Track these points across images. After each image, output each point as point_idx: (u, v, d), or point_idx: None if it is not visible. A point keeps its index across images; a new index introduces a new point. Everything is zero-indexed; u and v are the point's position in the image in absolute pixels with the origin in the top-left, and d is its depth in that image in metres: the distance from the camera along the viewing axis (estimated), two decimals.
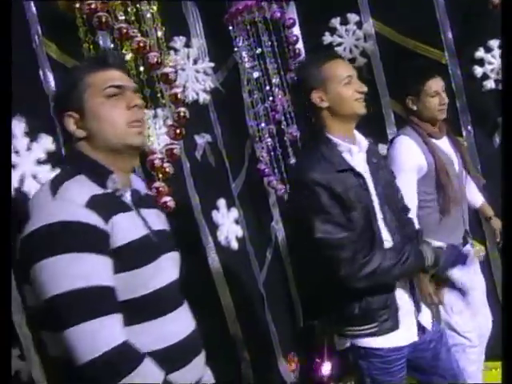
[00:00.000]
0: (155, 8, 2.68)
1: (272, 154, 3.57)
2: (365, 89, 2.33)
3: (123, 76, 1.76)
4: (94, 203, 1.58)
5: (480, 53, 3.57)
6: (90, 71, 1.72)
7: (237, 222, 3.58)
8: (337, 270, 2.19)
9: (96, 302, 1.52)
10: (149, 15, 2.67)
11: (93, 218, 1.56)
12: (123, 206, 1.69)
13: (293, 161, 3.51)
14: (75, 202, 1.57)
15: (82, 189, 1.61)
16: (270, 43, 3.46)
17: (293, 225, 2.40)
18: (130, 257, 1.62)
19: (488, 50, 3.55)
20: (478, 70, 3.57)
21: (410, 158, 2.98)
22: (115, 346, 1.50)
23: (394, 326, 2.33)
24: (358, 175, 2.30)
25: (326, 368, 4.02)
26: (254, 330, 3.57)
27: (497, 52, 3.53)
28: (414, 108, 3.03)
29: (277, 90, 3.51)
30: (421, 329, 2.42)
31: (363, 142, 2.40)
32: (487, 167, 3.57)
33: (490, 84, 3.57)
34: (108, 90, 1.69)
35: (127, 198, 1.74)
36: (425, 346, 2.43)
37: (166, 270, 1.74)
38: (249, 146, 3.84)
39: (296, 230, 2.37)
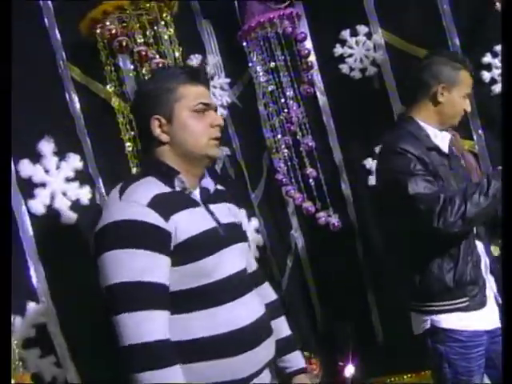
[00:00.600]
0: (172, 30, 2.81)
1: (289, 164, 3.66)
2: (469, 110, 2.62)
3: (209, 94, 1.94)
4: (156, 203, 1.71)
5: (487, 58, 3.63)
6: (183, 82, 1.85)
7: (257, 231, 3.69)
8: (430, 223, 2.28)
9: (147, 296, 1.66)
10: (166, 37, 2.81)
11: (154, 217, 1.69)
12: (191, 203, 1.82)
13: (310, 170, 3.62)
14: (138, 202, 1.71)
15: (147, 190, 1.75)
16: (283, 57, 3.55)
17: (384, 190, 2.58)
18: (194, 249, 1.75)
19: (495, 55, 3.62)
20: (486, 75, 3.64)
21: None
22: (156, 339, 1.63)
23: (483, 303, 2.41)
24: (445, 155, 2.50)
25: (350, 370, 4.09)
26: None
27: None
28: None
29: (291, 102, 3.61)
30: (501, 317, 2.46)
31: (447, 135, 2.61)
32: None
33: (497, 88, 3.62)
34: (198, 105, 1.85)
35: (196, 195, 1.88)
36: (500, 338, 2.45)
37: (231, 260, 1.85)
38: (266, 158, 3.94)
39: (388, 193, 2.52)
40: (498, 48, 3.60)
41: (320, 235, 3.81)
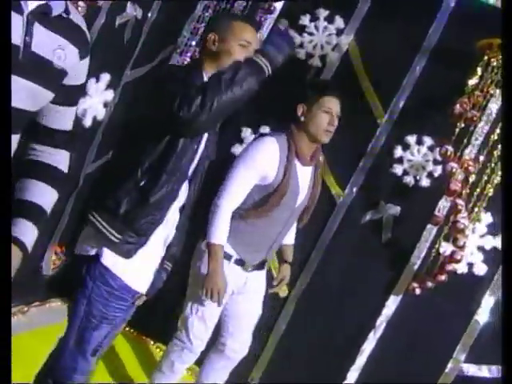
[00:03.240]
0: None
1: None
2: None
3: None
4: None
5: (412, 138, 3.47)
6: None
7: None
8: (171, 109, 2.13)
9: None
10: None
11: None
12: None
13: None
14: None
15: None
16: None
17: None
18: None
19: (406, 147, 3.50)
20: (398, 150, 3.48)
21: (262, 161, 2.85)
22: None
23: (127, 255, 2.25)
24: None
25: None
26: None
27: (415, 148, 3.47)
28: (302, 118, 2.89)
29: None
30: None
31: None
32: None
33: (398, 169, 3.48)
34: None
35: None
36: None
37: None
38: (168, 52, 3.75)
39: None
40: (411, 140, 3.47)
41: None
